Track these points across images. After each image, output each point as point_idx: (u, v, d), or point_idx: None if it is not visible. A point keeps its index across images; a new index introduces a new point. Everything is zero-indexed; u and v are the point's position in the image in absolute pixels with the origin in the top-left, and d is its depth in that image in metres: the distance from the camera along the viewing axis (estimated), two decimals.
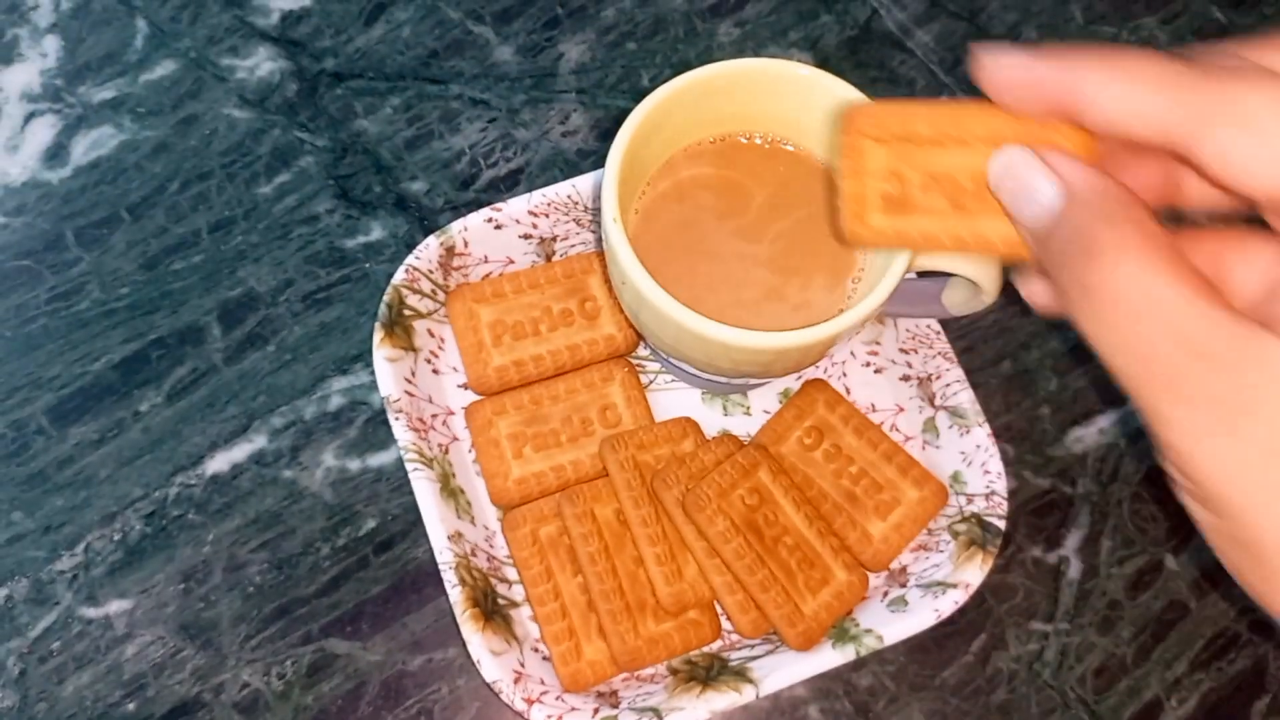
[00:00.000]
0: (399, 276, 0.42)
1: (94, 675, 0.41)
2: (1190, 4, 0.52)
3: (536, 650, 0.40)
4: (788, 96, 0.36)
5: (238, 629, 0.41)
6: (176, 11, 0.50)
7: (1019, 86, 0.25)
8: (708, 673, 0.39)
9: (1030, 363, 0.46)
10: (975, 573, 0.40)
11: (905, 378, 0.44)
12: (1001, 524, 0.40)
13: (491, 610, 0.39)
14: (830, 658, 0.39)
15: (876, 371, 0.45)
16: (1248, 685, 0.43)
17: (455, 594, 0.38)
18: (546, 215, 0.43)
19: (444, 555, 0.39)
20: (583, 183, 0.43)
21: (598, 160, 0.48)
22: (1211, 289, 0.23)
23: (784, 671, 0.38)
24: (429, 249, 0.42)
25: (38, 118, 0.48)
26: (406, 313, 0.42)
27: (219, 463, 0.43)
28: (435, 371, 0.43)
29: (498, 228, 0.43)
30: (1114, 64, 0.24)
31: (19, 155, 0.47)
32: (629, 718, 0.38)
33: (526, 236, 0.43)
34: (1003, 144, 0.26)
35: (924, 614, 0.39)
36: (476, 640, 0.38)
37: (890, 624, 0.39)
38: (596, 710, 0.38)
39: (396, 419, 0.40)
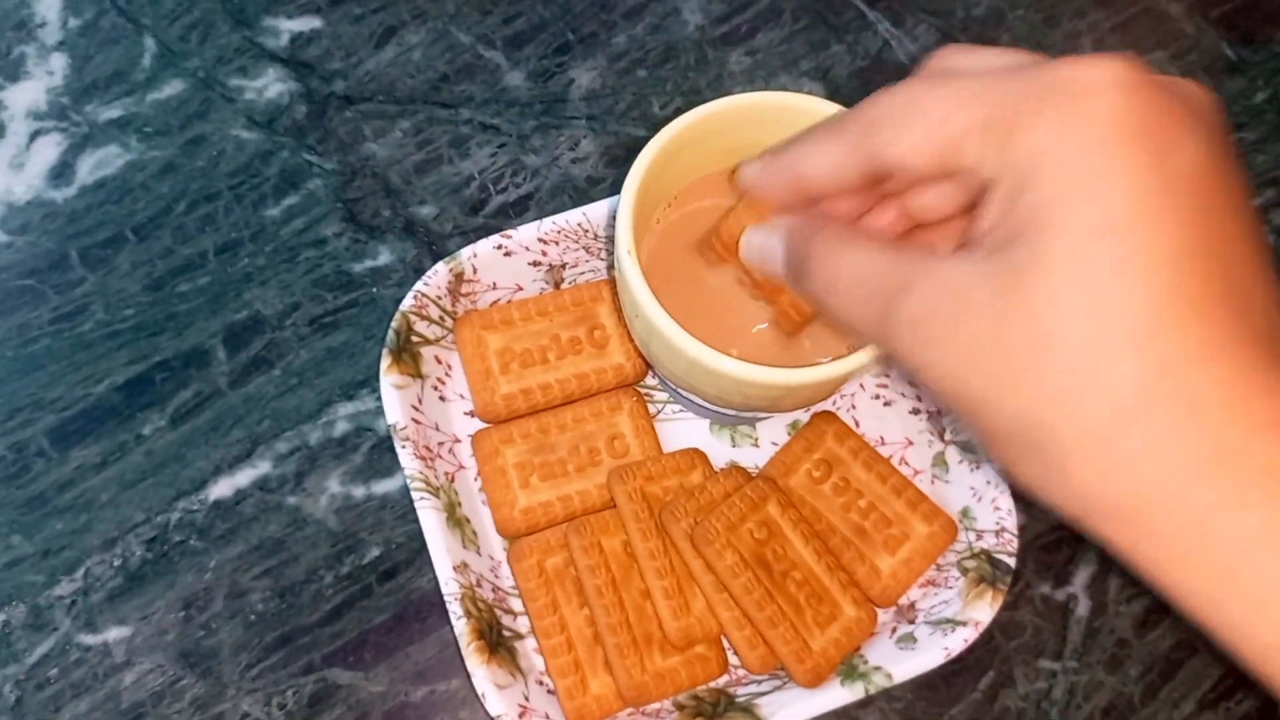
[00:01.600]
0: (407, 303, 0.41)
1: (91, 704, 0.40)
2: (1201, 40, 0.52)
3: (541, 683, 0.39)
4: (802, 128, 0.36)
5: (238, 658, 0.41)
6: (185, 31, 0.50)
7: (765, 187, 0.32)
8: (714, 709, 0.39)
9: None
10: (985, 610, 0.39)
11: (915, 411, 0.44)
12: (1012, 561, 0.40)
13: (496, 642, 0.39)
14: (839, 695, 0.38)
15: (886, 404, 0.44)
16: None
17: (460, 625, 0.38)
18: (556, 242, 0.43)
19: (449, 586, 0.38)
20: (594, 210, 0.43)
21: (608, 187, 0.48)
22: (896, 244, 0.28)
23: (792, 709, 0.38)
24: (438, 275, 0.42)
25: (43, 136, 0.48)
26: (414, 339, 0.42)
27: (222, 488, 0.43)
28: (442, 399, 0.43)
29: (507, 254, 0.42)
30: (807, 141, 0.30)
31: (24, 173, 0.47)
32: None
33: (536, 264, 0.43)
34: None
35: (933, 652, 0.39)
36: (481, 673, 0.37)
37: (899, 662, 0.39)
38: None
39: (403, 446, 0.40)
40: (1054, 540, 0.44)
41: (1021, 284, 0.24)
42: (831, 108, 0.35)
